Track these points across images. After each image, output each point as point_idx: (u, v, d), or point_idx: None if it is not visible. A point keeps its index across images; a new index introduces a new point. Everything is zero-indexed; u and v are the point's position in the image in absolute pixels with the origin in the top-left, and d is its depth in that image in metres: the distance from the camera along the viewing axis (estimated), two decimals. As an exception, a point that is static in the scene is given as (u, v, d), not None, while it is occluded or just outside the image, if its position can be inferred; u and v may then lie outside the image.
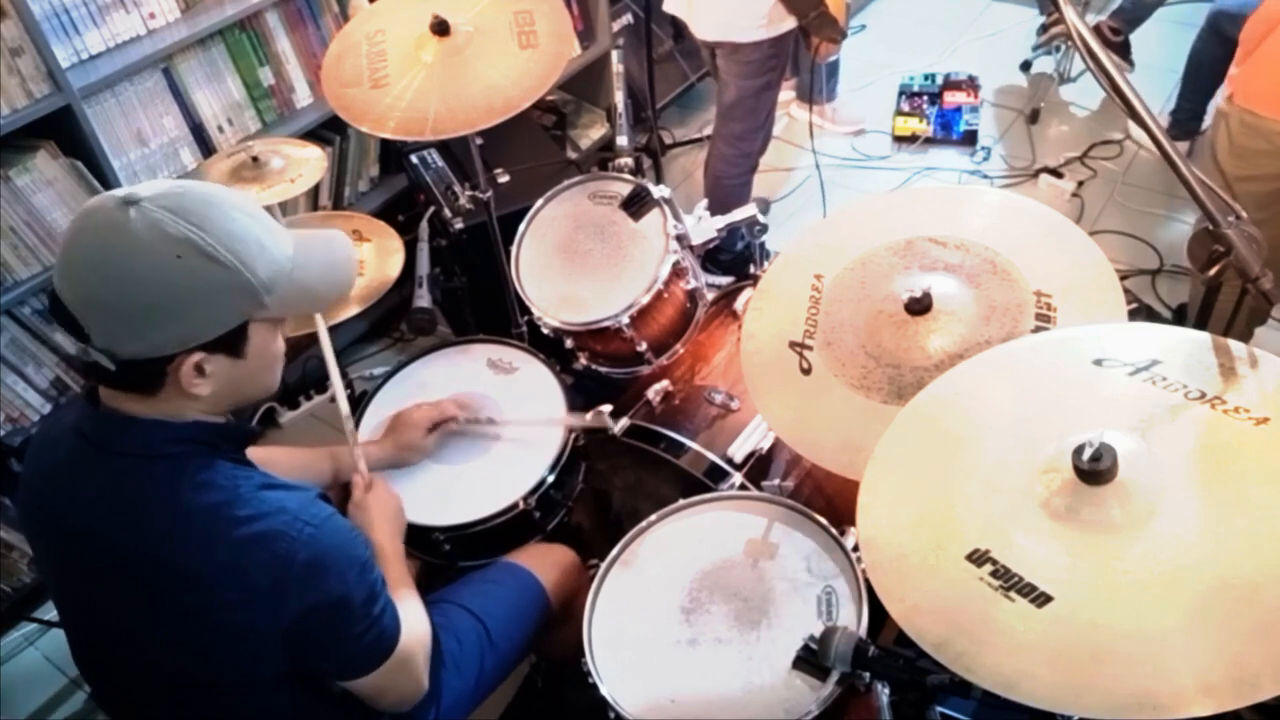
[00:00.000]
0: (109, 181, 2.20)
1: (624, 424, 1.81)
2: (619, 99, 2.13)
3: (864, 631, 1.35)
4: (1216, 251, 1.14)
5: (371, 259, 2.12)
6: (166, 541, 1.14)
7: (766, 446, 1.80)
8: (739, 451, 1.78)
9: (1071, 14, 1.16)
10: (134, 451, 1.16)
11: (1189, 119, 3.21)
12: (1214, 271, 1.15)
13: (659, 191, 1.90)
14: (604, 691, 1.37)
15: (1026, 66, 3.82)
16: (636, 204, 1.90)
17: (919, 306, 1.41)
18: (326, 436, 1.78)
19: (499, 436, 1.79)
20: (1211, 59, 3.01)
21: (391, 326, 3.06)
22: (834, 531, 1.48)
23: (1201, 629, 0.89)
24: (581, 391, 1.95)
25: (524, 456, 1.75)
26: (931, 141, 3.56)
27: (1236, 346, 1.10)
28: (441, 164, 2.58)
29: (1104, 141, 3.43)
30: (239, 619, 1.15)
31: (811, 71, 3.20)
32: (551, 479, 1.73)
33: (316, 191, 2.71)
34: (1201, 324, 1.24)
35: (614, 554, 1.54)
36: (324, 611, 1.17)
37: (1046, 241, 1.46)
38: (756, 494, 1.62)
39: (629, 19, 3.29)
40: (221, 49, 2.41)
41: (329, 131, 2.65)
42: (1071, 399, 1.13)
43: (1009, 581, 0.99)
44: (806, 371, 1.46)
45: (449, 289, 2.51)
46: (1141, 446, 1.03)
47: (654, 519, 1.57)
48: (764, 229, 2.05)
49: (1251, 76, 2.10)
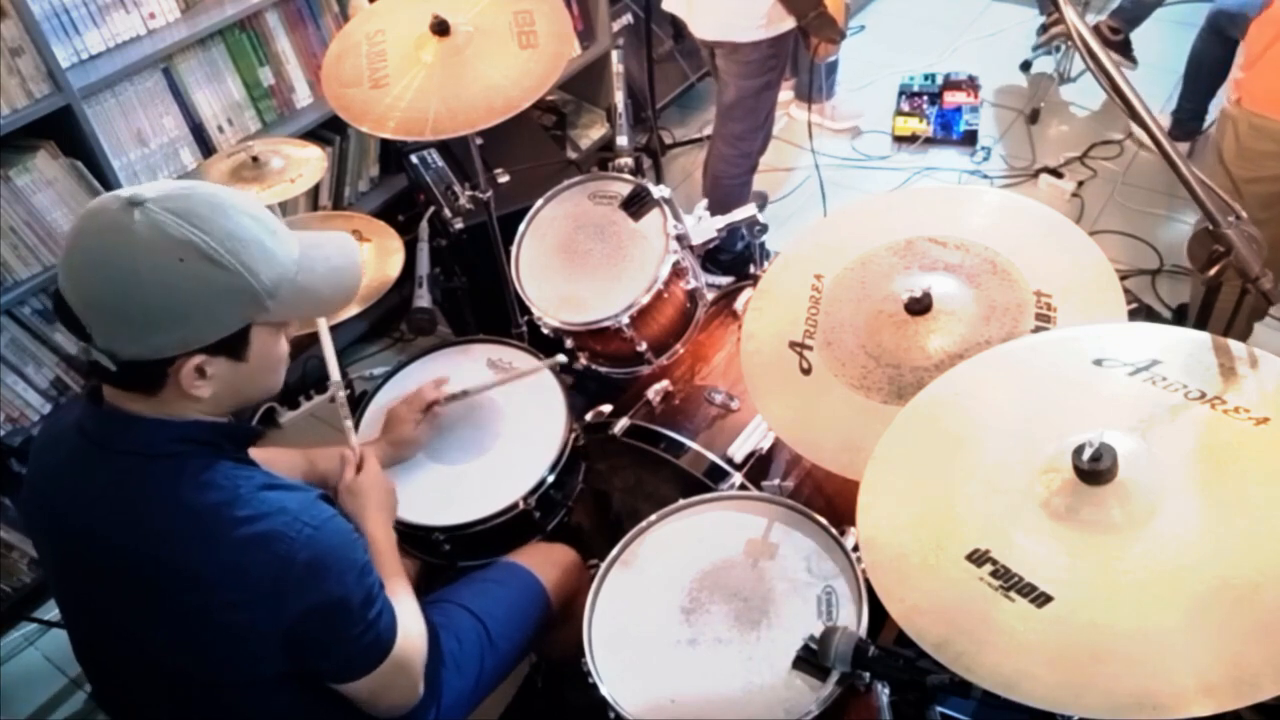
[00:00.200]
0: (109, 181, 2.20)
1: (624, 424, 1.81)
2: (619, 99, 2.13)
3: (864, 631, 1.35)
4: (1216, 251, 1.14)
5: (371, 259, 2.12)
6: (167, 541, 1.14)
7: (766, 446, 1.80)
8: (739, 451, 1.78)
9: (1071, 14, 1.16)
10: (136, 450, 1.16)
11: (1190, 119, 3.21)
12: (1214, 271, 1.15)
13: (659, 191, 1.90)
14: (604, 691, 1.37)
15: (1026, 66, 3.82)
16: (636, 204, 1.90)
17: (919, 306, 1.41)
18: (326, 436, 1.77)
19: (498, 434, 1.79)
20: (1212, 59, 3.01)
21: (391, 326, 3.06)
22: (834, 531, 1.48)
23: (1201, 629, 0.89)
24: (582, 391, 1.95)
25: (524, 456, 1.75)
26: (931, 141, 3.56)
27: (1236, 346, 1.10)
28: (441, 164, 2.57)
29: (1104, 141, 3.43)
30: (239, 619, 1.15)
31: (810, 71, 3.20)
32: (551, 479, 1.73)
33: (316, 191, 2.71)
34: (1202, 324, 1.24)
35: (614, 554, 1.54)
36: (323, 612, 1.17)
37: (1046, 241, 1.46)
38: (756, 494, 1.62)
39: (629, 19, 3.28)
40: (221, 49, 2.41)
41: (329, 131, 2.65)
42: (1071, 399, 1.13)
43: (1009, 581, 0.99)
44: (806, 371, 1.46)
45: (449, 289, 2.51)
46: (1141, 446, 1.03)
47: (654, 519, 1.57)
48: (764, 229, 2.05)
49: (1260, 80, 2.09)
